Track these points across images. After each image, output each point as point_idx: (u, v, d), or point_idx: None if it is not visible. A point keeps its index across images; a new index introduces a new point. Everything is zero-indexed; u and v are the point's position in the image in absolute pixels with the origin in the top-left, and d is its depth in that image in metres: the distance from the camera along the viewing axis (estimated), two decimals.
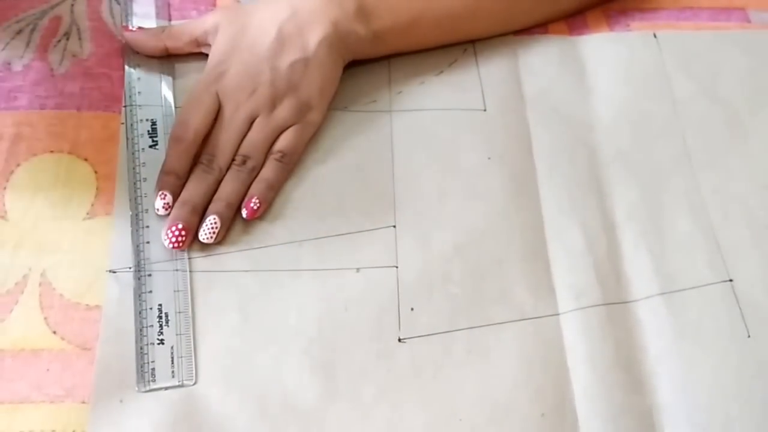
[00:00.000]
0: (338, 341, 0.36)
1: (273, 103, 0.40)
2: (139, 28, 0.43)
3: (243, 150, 0.40)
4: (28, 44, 0.44)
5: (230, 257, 0.38)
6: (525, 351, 0.37)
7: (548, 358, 0.37)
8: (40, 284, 0.37)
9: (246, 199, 0.39)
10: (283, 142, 0.40)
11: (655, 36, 0.47)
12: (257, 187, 0.39)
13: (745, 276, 0.39)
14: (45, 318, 0.36)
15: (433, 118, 0.43)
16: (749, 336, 0.37)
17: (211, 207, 0.38)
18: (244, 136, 0.40)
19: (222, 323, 0.37)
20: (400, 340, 0.37)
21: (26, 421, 0.34)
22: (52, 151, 0.40)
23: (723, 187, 0.42)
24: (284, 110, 0.40)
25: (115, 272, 0.37)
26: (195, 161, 0.39)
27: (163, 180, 0.39)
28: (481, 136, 0.43)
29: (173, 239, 0.37)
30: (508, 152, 0.42)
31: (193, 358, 0.36)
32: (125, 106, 0.42)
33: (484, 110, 0.44)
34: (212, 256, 0.38)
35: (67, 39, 0.44)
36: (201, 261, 0.38)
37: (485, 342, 0.37)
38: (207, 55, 0.42)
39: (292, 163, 0.40)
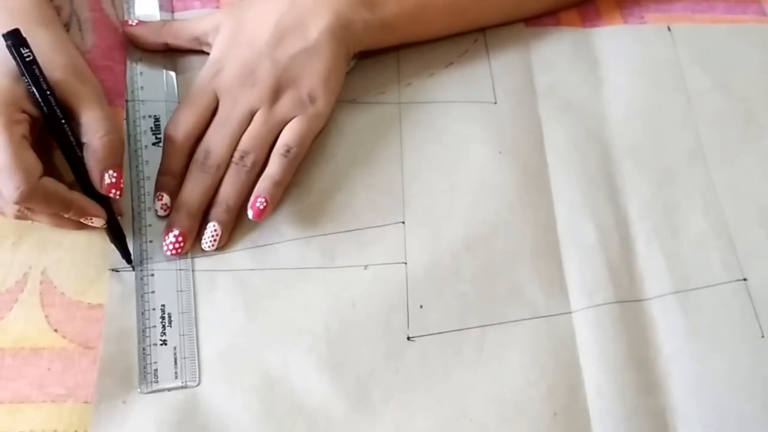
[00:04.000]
0: (346, 340, 0.36)
1: (274, 96, 0.39)
2: (140, 22, 0.42)
3: (242, 145, 0.38)
4: None
5: (235, 255, 0.38)
6: (537, 349, 0.36)
7: (560, 356, 0.36)
8: (40, 282, 0.36)
9: (251, 199, 0.37)
10: (288, 136, 0.39)
11: (669, 29, 0.46)
12: (263, 185, 0.38)
13: (759, 275, 0.39)
14: (46, 316, 0.36)
15: (443, 110, 0.42)
16: (763, 336, 0.37)
17: (212, 213, 0.37)
18: (240, 133, 0.39)
19: (226, 323, 0.36)
20: (409, 338, 0.36)
21: (27, 421, 0.33)
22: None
23: (737, 184, 0.41)
24: (286, 102, 0.39)
25: (117, 271, 0.37)
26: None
27: (159, 181, 0.38)
28: (492, 129, 0.42)
29: (170, 246, 0.37)
30: (520, 146, 0.42)
31: (196, 359, 0.35)
32: (127, 101, 0.41)
33: (495, 103, 0.43)
34: (216, 254, 0.38)
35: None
36: (204, 260, 0.38)
37: (496, 340, 0.36)
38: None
39: (298, 158, 0.39)
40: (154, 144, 0.40)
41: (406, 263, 0.38)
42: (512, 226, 0.39)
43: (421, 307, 0.37)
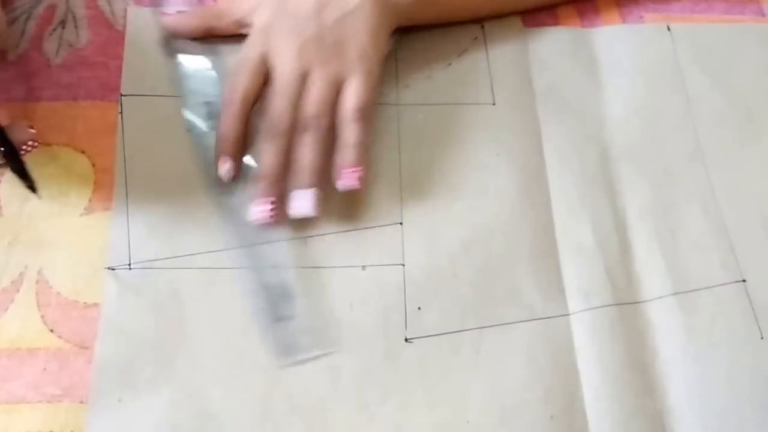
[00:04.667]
0: (343, 341, 0.36)
1: (324, 56, 0.39)
2: (178, 11, 0.43)
3: (311, 110, 0.38)
4: (23, 33, 0.42)
5: (232, 255, 0.37)
6: (534, 352, 0.36)
7: (558, 359, 0.36)
8: (36, 282, 0.36)
9: (345, 172, 0.37)
10: (352, 99, 0.39)
11: (668, 29, 0.46)
12: (347, 153, 0.38)
13: (758, 276, 0.39)
14: (42, 316, 0.35)
15: (442, 112, 0.42)
16: (762, 337, 0.37)
17: (295, 180, 0.37)
18: (299, 96, 0.39)
19: (223, 322, 0.36)
20: (406, 339, 0.36)
21: (23, 421, 0.33)
22: (48, 144, 0.39)
23: (736, 185, 0.41)
24: (336, 61, 0.39)
25: (113, 269, 0.36)
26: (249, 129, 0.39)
27: (220, 146, 0.39)
28: (490, 131, 0.42)
29: (263, 215, 0.37)
30: (518, 148, 0.41)
31: (194, 359, 0.35)
32: (122, 96, 0.41)
33: (494, 104, 0.43)
34: (214, 253, 0.37)
35: (63, 27, 0.43)
36: (202, 259, 0.37)
37: (494, 342, 0.36)
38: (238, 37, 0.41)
39: (370, 116, 0.39)
40: (205, 132, 0.40)
41: (404, 265, 0.38)
42: (510, 228, 0.39)
43: (419, 308, 0.37)
